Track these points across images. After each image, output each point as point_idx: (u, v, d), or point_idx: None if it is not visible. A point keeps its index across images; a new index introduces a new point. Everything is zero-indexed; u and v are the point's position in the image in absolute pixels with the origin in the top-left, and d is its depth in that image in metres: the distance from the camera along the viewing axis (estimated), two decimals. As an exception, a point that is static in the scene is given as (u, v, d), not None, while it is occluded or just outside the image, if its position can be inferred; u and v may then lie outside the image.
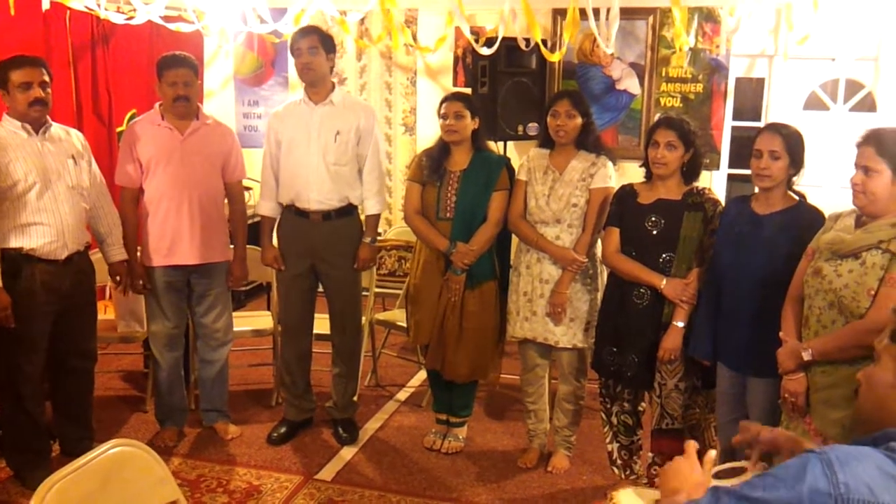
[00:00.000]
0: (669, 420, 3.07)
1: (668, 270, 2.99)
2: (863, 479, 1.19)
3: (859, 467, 1.21)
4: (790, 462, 1.27)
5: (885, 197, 2.25)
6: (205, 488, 3.31)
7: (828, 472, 1.20)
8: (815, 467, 1.21)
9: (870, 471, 1.21)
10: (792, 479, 1.22)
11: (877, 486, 1.19)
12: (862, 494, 1.18)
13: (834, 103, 5.35)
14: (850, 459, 1.22)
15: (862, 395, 1.43)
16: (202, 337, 3.72)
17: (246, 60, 6.18)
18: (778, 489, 1.23)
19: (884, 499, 1.18)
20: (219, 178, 3.59)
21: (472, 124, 3.44)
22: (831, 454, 1.23)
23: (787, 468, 1.26)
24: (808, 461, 1.23)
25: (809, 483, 1.20)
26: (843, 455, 1.23)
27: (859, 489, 1.19)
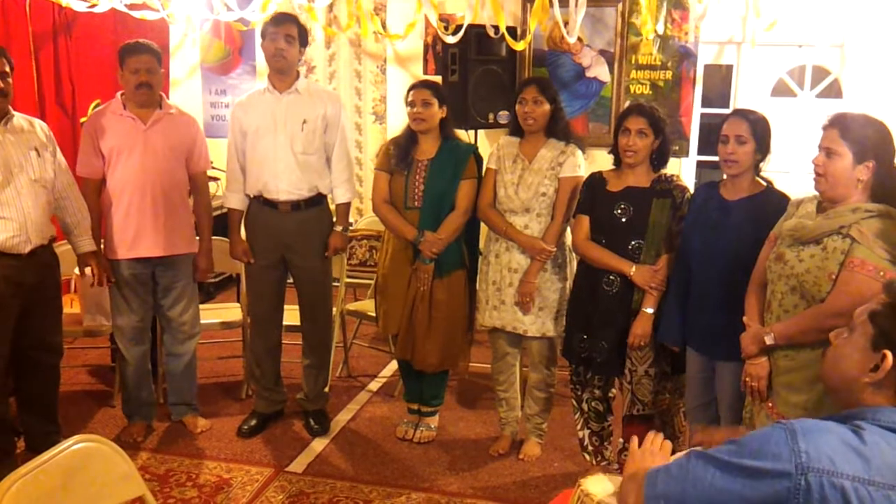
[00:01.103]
0: (640, 406, 3.08)
1: (637, 257, 3.00)
2: (824, 450, 1.22)
3: (821, 438, 1.24)
4: (757, 431, 1.32)
5: (844, 181, 2.26)
6: (174, 483, 3.27)
7: (790, 440, 1.24)
8: (779, 436, 1.26)
9: (832, 442, 1.24)
10: (756, 447, 1.27)
11: (838, 457, 1.22)
12: (823, 464, 1.21)
13: (801, 90, 5.40)
14: (813, 431, 1.26)
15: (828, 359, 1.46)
16: (168, 330, 3.67)
17: (213, 49, 6.09)
18: (743, 456, 1.27)
19: (844, 469, 1.21)
20: (183, 168, 3.53)
21: (440, 112, 3.42)
22: (796, 425, 1.27)
23: (754, 437, 1.30)
24: (773, 430, 1.28)
25: (772, 451, 1.24)
26: (807, 426, 1.27)
27: (820, 459, 1.22)
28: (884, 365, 1.32)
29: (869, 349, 1.36)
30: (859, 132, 2.25)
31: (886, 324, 1.35)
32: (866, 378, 1.34)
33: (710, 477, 1.28)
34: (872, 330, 1.36)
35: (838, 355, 1.42)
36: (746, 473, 1.25)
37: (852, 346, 1.39)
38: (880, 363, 1.33)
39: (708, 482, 1.28)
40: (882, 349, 1.33)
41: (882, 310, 1.37)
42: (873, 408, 1.33)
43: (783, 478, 1.22)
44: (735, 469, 1.26)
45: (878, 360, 1.33)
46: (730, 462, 1.27)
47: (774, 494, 1.22)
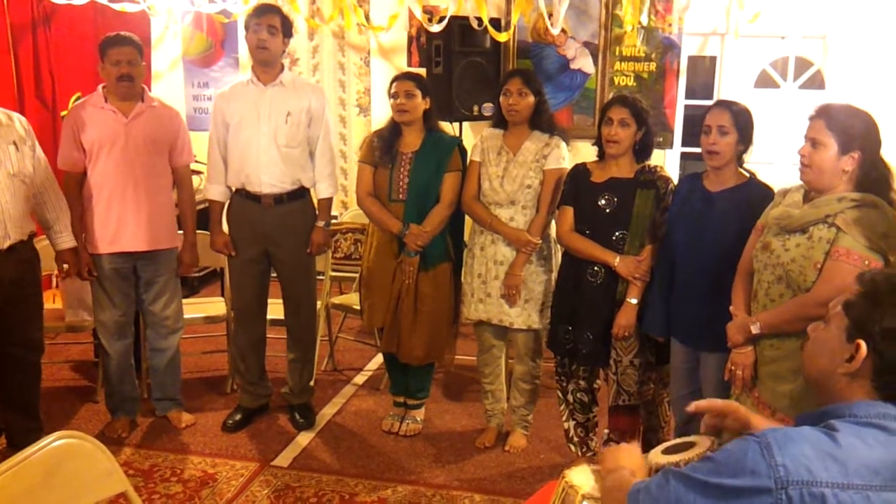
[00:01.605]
0: (626, 396, 3.09)
1: (621, 248, 3.01)
2: (801, 460, 1.22)
3: (796, 449, 1.23)
4: (731, 447, 1.30)
5: (829, 171, 2.27)
6: (158, 478, 3.25)
7: (766, 454, 1.23)
8: (755, 451, 1.24)
9: (807, 451, 1.23)
10: (733, 464, 1.26)
11: (814, 465, 1.21)
12: (801, 475, 1.21)
13: (784, 81, 5.42)
14: (787, 442, 1.25)
15: (807, 352, 1.47)
16: (151, 325, 3.64)
17: (194, 41, 6.04)
18: (721, 475, 1.26)
19: (822, 477, 1.21)
20: (165, 162, 3.50)
21: (424, 104, 3.40)
22: (769, 437, 1.26)
23: (728, 453, 1.29)
24: (748, 446, 1.26)
25: (749, 468, 1.23)
26: (781, 438, 1.26)
27: (798, 470, 1.21)
28: (858, 355, 1.32)
29: (843, 340, 1.36)
30: (845, 123, 2.25)
31: (860, 314, 1.34)
32: (841, 369, 1.34)
33: (691, 499, 1.27)
34: (847, 320, 1.36)
35: (815, 348, 1.43)
36: (727, 493, 1.24)
37: (828, 337, 1.40)
38: (854, 354, 1.33)
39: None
40: (856, 339, 1.33)
41: (856, 300, 1.37)
42: (849, 403, 1.32)
43: (763, 494, 1.21)
44: (715, 490, 1.26)
45: (852, 351, 1.33)
46: (708, 482, 1.27)
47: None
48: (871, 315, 1.32)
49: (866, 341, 1.32)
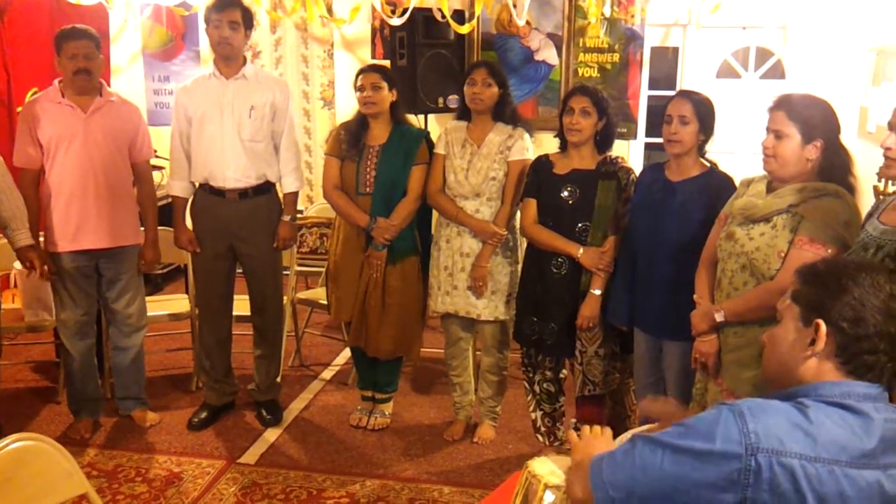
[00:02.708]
0: (591, 386, 3.11)
1: (584, 239, 3.02)
2: (773, 430, 1.24)
3: (769, 419, 1.25)
4: (704, 413, 1.31)
5: (794, 161, 2.30)
6: (123, 478, 3.21)
7: (739, 422, 1.25)
8: (728, 418, 1.26)
9: (780, 422, 1.25)
10: (705, 429, 1.27)
11: (786, 436, 1.24)
12: (772, 444, 1.23)
13: (745, 71, 5.48)
14: (760, 411, 1.27)
15: (766, 356, 1.47)
16: (114, 323, 3.59)
17: (154, 34, 5.94)
18: (691, 438, 1.27)
19: (792, 448, 1.23)
20: (125, 158, 3.44)
21: (390, 96, 3.38)
22: (743, 406, 1.28)
23: (701, 419, 1.30)
24: (721, 412, 1.28)
25: (721, 433, 1.25)
26: (755, 407, 1.28)
27: (769, 439, 1.23)
28: (819, 334, 1.34)
29: (800, 327, 1.38)
30: (806, 112, 2.29)
31: (810, 298, 1.37)
32: (807, 353, 1.36)
33: (658, 461, 1.28)
34: (798, 308, 1.39)
35: (772, 346, 1.44)
36: (696, 456, 1.25)
37: (783, 331, 1.41)
38: (815, 335, 1.35)
39: (657, 467, 1.28)
40: (813, 321, 1.35)
41: (802, 288, 1.40)
42: (814, 384, 1.34)
43: (733, 459, 1.23)
44: (684, 452, 1.26)
45: (812, 334, 1.35)
46: (678, 445, 1.27)
47: (725, 476, 1.23)
48: (821, 295, 1.35)
49: (823, 318, 1.34)
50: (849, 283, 1.33)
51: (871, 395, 1.32)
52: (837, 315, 1.33)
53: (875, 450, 1.26)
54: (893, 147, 1.93)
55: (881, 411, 1.31)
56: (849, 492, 1.23)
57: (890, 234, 1.96)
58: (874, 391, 1.33)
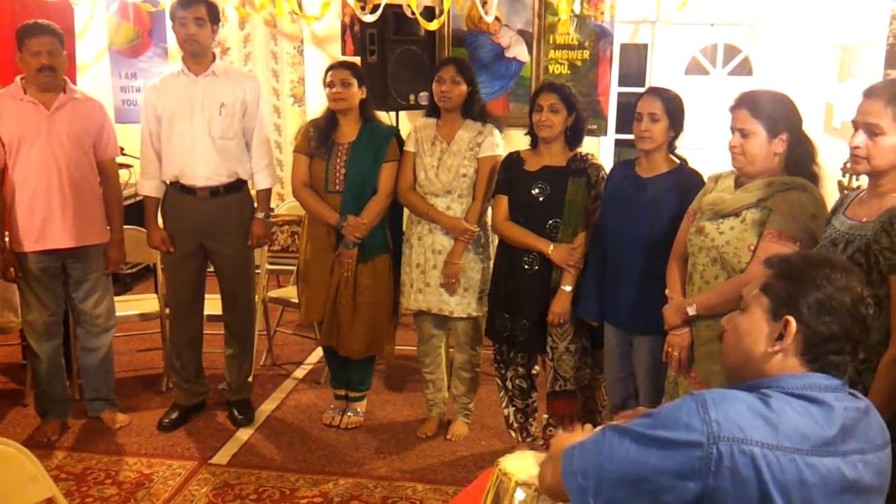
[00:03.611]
0: (562, 382, 3.13)
1: (555, 236, 3.04)
2: (734, 418, 1.26)
3: (731, 407, 1.27)
4: (669, 404, 1.34)
5: (762, 156, 2.34)
6: (92, 481, 3.17)
7: (701, 410, 1.27)
8: (690, 406, 1.28)
9: (741, 410, 1.27)
10: (670, 418, 1.29)
11: (747, 424, 1.25)
12: (732, 432, 1.24)
13: (713, 68, 5.53)
14: (722, 400, 1.29)
15: (727, 343, 1.47)
16: (82, 324, 3.54)
17: (121, 31, 5.85)
18: (656, 427, 1.29)
19: (753, 436, 1.25)
20: (90, 156, 3.39)
21: (360, 93, 3.37)
22: (706, 395, 1.30)
23: (665, 409, 1.33)
24: (685, 402, 1.30)
25: (684, 421, 1.27)
26: (717, 396, 1.30)
27: (731, 427, 1.25)
28: (788, 330, 1.35)
29: (768, 321, 1.38)
30: (768, 108, 2.33)
31: (781, 292, 1.37)
32: (773, 348, 1.37)
33: (625, 450, 1.30)
34: (768, 302, 1.39)
35: (736, 335, 1.44)
36: (660, 444, 1.27)
37: (750, 322, 1.41)
38: (784, 331, 1.36)
39: (623, 455, 1.30)
40: (784, 316, 1.36)
41: (773, 281, 1.40)
42: (777, 377, 1.36)
43: (695, 447, 1.25)
44: (649, 441, 1.28)
45: (780, 329, 1.36)
46: (644, 434, 1.29)
47: (688, 463, 1.25)
48: (793, 291, 1.36)
49: (794, 315, 1.35)
50: (823, 283, 1.34)
51: (833, 386, 1.35)
52: (808, 313, 1.34)
53: (835, 437, 1.28)
54: (861, 145, 1.97)
55: (841, 400, 1.33)
56: (810, 479, 1.25)
57: (858, 228, 1.99)
58: (835, 383, 1.35)
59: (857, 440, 1.31)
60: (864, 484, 1.30)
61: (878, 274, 1.91)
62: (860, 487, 1.30)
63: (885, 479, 1.36)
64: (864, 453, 1.31)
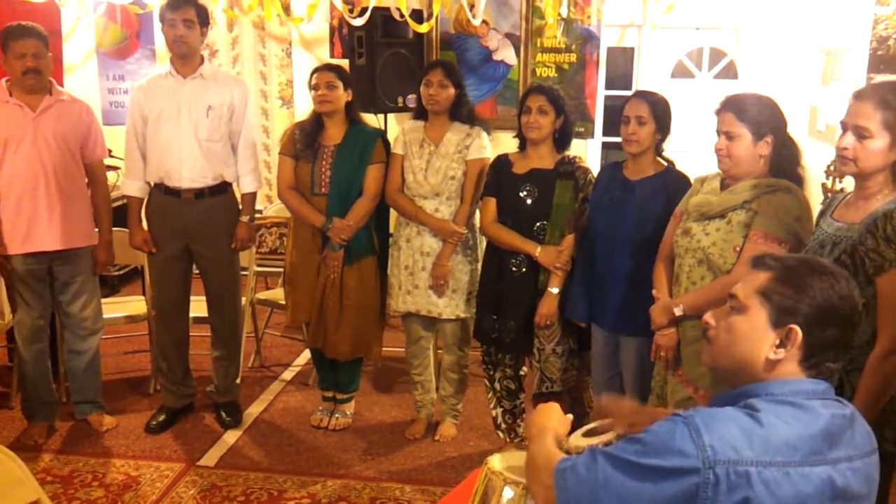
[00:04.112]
0: (549, 383, 3.14)
1: (542, 238, 3.05)
2: (727, 440, 1.25)
3: (723, 429, 1.26)
4: (658, 427, 1.31)
5: (748, 159, 2.37)
6: (79, 483, 3.16)
7: (694, 435, 1.25)
8: (682, 432, 1.26)
9: (733, 431, 1.26)
10: (661, 445, 1.28)
11: (739, 445, 1.25)
12: (727, 454, 1.24)
13: (699, 71, 5.57)
14: (713, 423, 1.27)
15: (719, 343, 1.44)
16: (69, 327, 3.52)
17: (108, 32, 5.83)
18: (649, 455, 1.28)
19: (747, 456, 1.24)
20: (78, 157, 3.38)
21: (346, 96, 3.38)
22: (696, 419, 1.28)
23: (656, 435, 1.30)
24: (675, 427, 1.28)
25: (678, 448, 1.25)
26: (707, 419, 1.28)
27: (725, 450, 1.24)
28: (793, 339, 1.33)
29: (768, 327, 1.36)
30: (753, 111, 2.36)
31: (784, 299, 1.35)
32: (773, 356, 1.35)
33: (620, 479, 1.28)
34: (769, 307, 1.36)
35: (733, 337, 1.41)
36: (656, 473, 1.26)
37: (750, 327, 1.38)
38: (785, 339, 1.34)
39: (618, 484, 1.28)
40: (785, 324, 1.34)
41: (774, 286, 1.37)
42: (765, 382, 1.35)
43: (692, 474, 1.24)
44: (643, 470, 1.27)
45: (782, 336, 1.35)
46: (638, 463, 1.28)
47: (685, 490, 1.24)
48: (799, 299, 1.34)
49: (797, 324, 1.33)
50: (828, 292, 1.33)
51: (819, 391, 1.35)
52: (811, 322, 1.33)
53: (823, 445, 1.28)
54: (849, 147, 1.99)
55: (829, 407, 1.33)
56: (805, 490, 1.25)
57: (844, 230, 2.02)
58: (822, 387, 1.35)
59: (844, 448, 1.31)
60: (853, 491, 1.30)
61: (863, 275, 1.94)
62: (849, 495, 1.30)
63: (872, 485, 1.36)
64: (851, 460, 1.31)
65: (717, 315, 1.46)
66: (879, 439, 1.93)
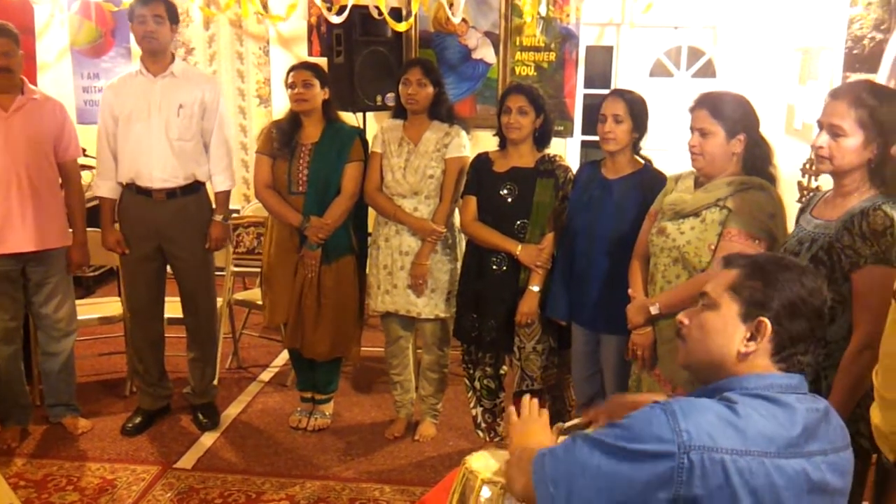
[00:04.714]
0: (529, 381, 3.14)
1: (523, 236, 3.05)
2: (704, 427, 1.27)
3: (700, 417, 1.28)
4: (638, 414, 1.34)
5: (720, 156, 2.38)
6: (53, 488, 3.11)
7: (671, 421, 1.28)
8: (660, 418, 1.29)
9: (710, 419, 1.28)
10: (640, 430, 1.30)
11: (717, 433, 1.27)
12: (703, 441, 1.26)
13: (677, 70, 5.59)
14: (691, 410, 1.30)
15: (692, 339, 1.46)
16: (43, 328, 3.47)
17: (83, 30, 5.76)
18: (627, 439, 1.30)
19: (723, 444, 1.26)
20: (51, 157, 3.33)
21: (323, 94, 3.35)
22: (674, 405, 1.30)
23: (635, 419, 1.33)
24: (654, 413, 1.30)
25: (655, 433, 1.28)
26: (685, 406, 1.31)
27: (700, 436, 1.26)
28: (762, 331, 1.36)
29: (739, 322, 1.39)
30: (727, 109, 2.37)
31: (754, 294, 1.38)
32: (744, 349, 1.37)
33: (596, 461, 1.31)
34: (739, 303, 1.39)
35: (703, 333, 1.43)
36: (632, 457, 1.28)
37: (721, 322, 1.41)
38: (755, 331, 1.37)
39: (595, 466, 1.31)
40: (755, 317, 1.37)
41: (743, 282, 1.40)
42: (740, 377, 1.37)
43: (667, 458, 1.26)
44: (621, 453, 1.29)
45: (752, 330, 1.37)
46: (615, 446, 1.30)
47: (660, 474, 1.26)
48: (767, 293, 1.37)
49: (767, 318, 1.36)
50: (796, 285, 1.36)
51: (793, 385, 1.37)
52: (781, 314, 1.36)
53: (799, 439, 1.30)
54: (824, 146, 2.00)
55: (803, 401, 1.35)
56: (778, 481, 1.27)
57: (822, 227, 2.03)
58: (795, 381, 1.38)
59: (819, 441, 1.33)
60: (828, 484, 1.32)
61: (840, 272, 1.95)
62: (824, 488, 1.32)
63: (847, 479, 1.38)
64: (826, 454, 1.33)
65: (690, 314, 1.48)
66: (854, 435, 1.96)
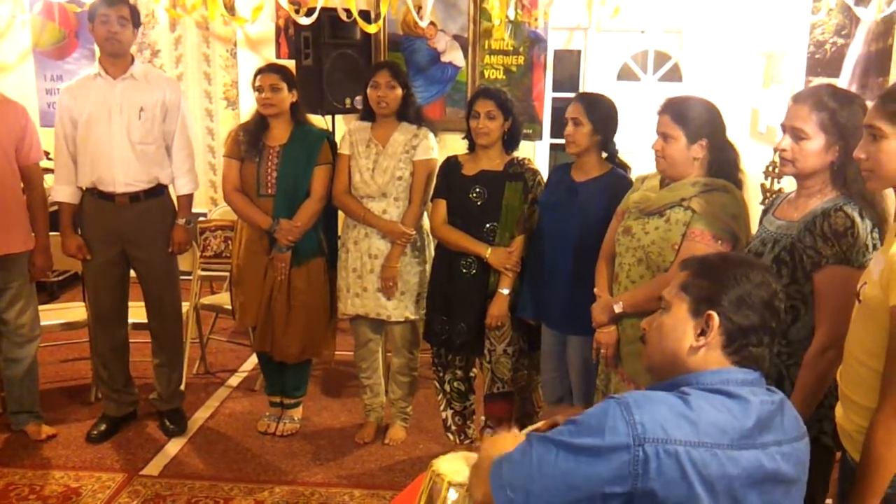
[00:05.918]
0: (500, 384, 3.15)
1: (492, 239, 3.05)
2: (657, 419, 1.28)
3: (654, 409, 1.30)
4: (593, 409, 1.35)
5: (681, 160, 2.41)
6: (14, 497, 3.05)
7: (626, 414, 1.29)
8: (615, 411, 1.30)
9: (663, 412, 1.30)
10: (594, 424, 1.31)
11: (669, 425, 1.28)
12: (656, 433, 1.27)
13: (644, 74, 5.65)
14: (645, 402, 1.31)
15: (651, 343, 1.50)
16: (5, 334, 3.40)
17: (46, 32, 5.67)
18: (582, 435, 1.31)
19: (676, 436, 1.28)
20: (12, 161, 3.27)
21: (290, 97, 3.34)
22: (629, 398, 1.32)
23: (590, 415, 1.34)
24: (609, 407, 1.32)
25: (610, 426, 1.28)
26: (640, 399, 1.32)
27: (654, 429, 1.27)
28: (711, 325, 1.39)
29: (689, 318, 1.42)
30: (689, 114, 2.40)
31: (702, 290, 1.42)
32: (696, 343, 1.41)
33: (552, 459, 1.30)
34: (688, 300, 1.43)
35: (659, 334, 1.47)
36: (587, 452, 1.28)
37: (672, 320, 1.45)
38: (705, 325, 1.40)
39: (552, 464, 1.30)
40: (703, 312, 1.40)
41: (692, 280, 1.44)
42: (696, 373, 1.40)
43: (622, 451, 1.26)
44: (576, 449, 1.29)
45: (702, 325, 1.40)
46: (570, 443, 1.30)
47: (616, 468, 1.27)
48: (714, 288, 1.40)
49: (715, 311, 1.39)
50: (741, 279, 1.40)
51: (749, 380, 1.39)
52: (728, 308, 1.39)
53: (752, 430, 1.32)
54: (787, 148, 2.03)
55: (757, 394, 1.38)
56: (731, 472, 1.29)
57: (785, 228, 2.06)
58: (752, 377, 1.40)
59: (773, 432, 1.35)
60: (783, 474, 1.35)
61: (802, 272, 1.98)
62: (779, 478, 1.34)
63: (802, 469, 1.41)
64: (780, 445, 1.35)
65: (651, 319, 1.52)
66: (818, 433, 1.99)
